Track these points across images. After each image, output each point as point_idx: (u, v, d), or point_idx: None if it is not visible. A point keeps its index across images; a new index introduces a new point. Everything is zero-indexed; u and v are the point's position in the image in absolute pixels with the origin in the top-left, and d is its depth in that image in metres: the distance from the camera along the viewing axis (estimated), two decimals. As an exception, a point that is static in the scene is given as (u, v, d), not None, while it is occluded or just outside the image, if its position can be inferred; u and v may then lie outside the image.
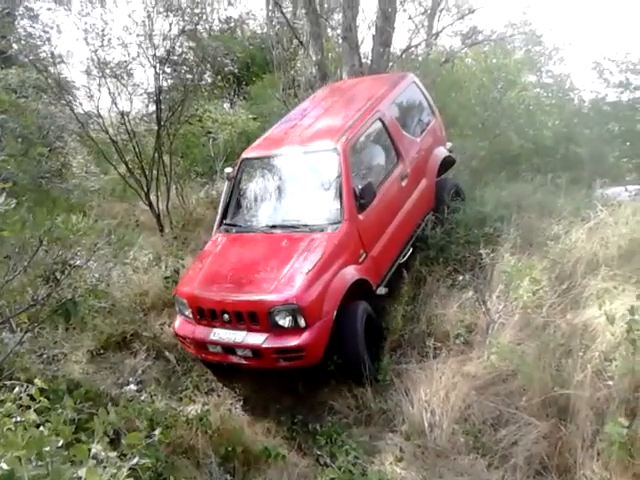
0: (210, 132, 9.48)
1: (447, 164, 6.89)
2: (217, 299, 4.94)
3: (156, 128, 8.62)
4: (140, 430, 3.23)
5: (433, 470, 4.11)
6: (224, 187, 6.30)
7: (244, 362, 4.87)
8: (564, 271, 5.05)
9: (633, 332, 3.66)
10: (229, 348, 4.86)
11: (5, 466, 1.42)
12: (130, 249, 6.50)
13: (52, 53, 9.14)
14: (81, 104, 8.83)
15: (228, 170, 6.26)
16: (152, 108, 9.55)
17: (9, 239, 3.68)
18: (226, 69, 12.81)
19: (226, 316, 4.83)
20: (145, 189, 8.47)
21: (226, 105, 12.60)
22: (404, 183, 5.98)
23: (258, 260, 5.22)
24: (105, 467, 1.58)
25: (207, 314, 4.98)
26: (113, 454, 1.76)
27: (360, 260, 5.16)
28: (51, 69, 8.89)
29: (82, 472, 1.48)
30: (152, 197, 8.54)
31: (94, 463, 1.53)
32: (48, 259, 4.60)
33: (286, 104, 9.39)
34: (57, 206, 4.92)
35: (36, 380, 2.32)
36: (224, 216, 5.98)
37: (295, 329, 4.63)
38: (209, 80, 12.78)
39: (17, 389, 2.28)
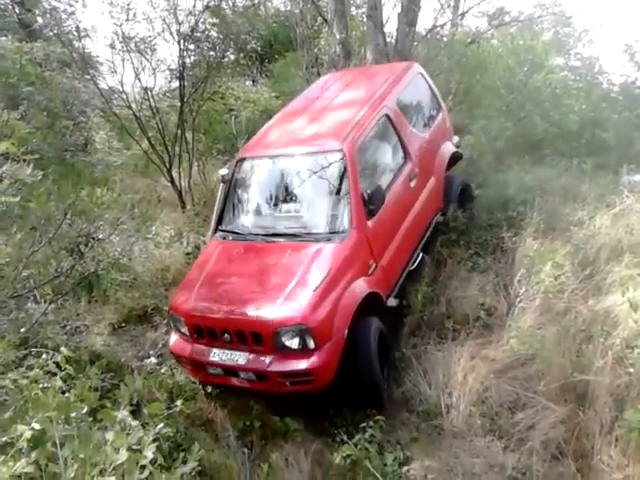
0: (232, 109, 9.44)
1: (454, 160, 6.55)
2: (217, 317, 4.48)
3: (179, 104, 8.63)
4: (160, 401, 3.28)
5: (449, 451, 4.13)
6: (219, 190, 5.73)
7: (247, 385, 4.45)
8: (587, 257, 5.00)
9: (656, 320, 3.61)
10: (230, 370, 4.42)
11: (37, 426, 1.46)
12: (152, 224, 6.58)
13: (77, 27, 9.15)
14: (105, 79, 8.90)
15: (223, 171, 5.69)
16: (175, 84, 9.57)
17: (35, 211, 3.73)
18: (249, 46, 12.78)
19: (227, 336, 4.40)
20: (167, 165, 8.51)
21: (248, 83, 12.55)
22: (413, 184, 5.59)
23: (260, 273, 4.74)
24: (129, 434, 1.61)
25: (206, 333, 4.53)
26: (135, 422, 1.80)
27: (370, 271, 4.76)
28: (75, 43, 8.92)
29: (109, 435, 1.52)
30: (174, 173, 8.58)
31: (119, 428, 1.57)
32: (72, 232, 4.67)
33: (309, 82, 9.31)
34: (81, 179, 4.96)
35: (62, 348, 2.36)
36: (219, 221, 5.47)
37: (303, 351, 4.23)
38: (232, 57, 12.74)
39: (44, 356, 2.31)
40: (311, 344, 4.20)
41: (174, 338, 4.85)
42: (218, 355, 4.43)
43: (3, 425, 1.54)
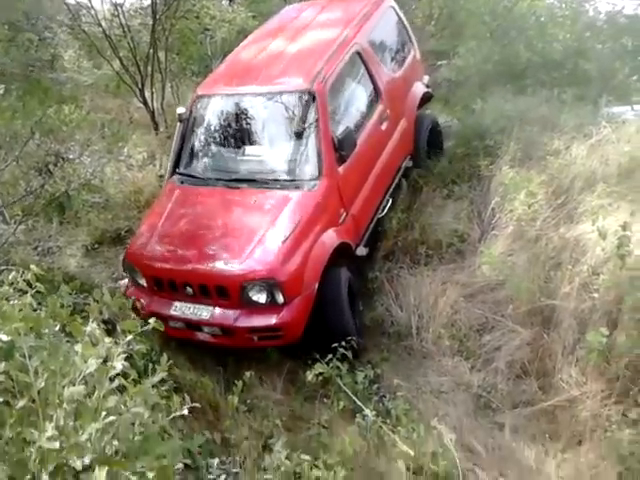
0: (207, 29, 9.06)
1: (425, 100, 6.27)
2: (178, 269, 4.21)
3: (151, 22, 8.23)
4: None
5: (418, 370, 4.30)
6: (176, 129, 5.24)
7: (212, 340, 4.21)
8: (561, 186, 5.03)
9: (623, 248, 3.70)
10: (194, 325, 4.19)
11: (5, 337, 1.46)
12: (124, 145, 6.42)
13: None
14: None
15: (180, 110, 5.18)
16: (147, 1, 9.09)
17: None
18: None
19: (189, 289, 4.14)
20: (140, 86, 8.20)
21: (225, 2, 11.98)
22: (384, 126, 5.25)
23: (224, 221, 4.46)
24: (97, 345, 1.62)
25: (166, 286, 4.25)
26: (108, 339, 1.80)
27: (340, 221, 4.52)
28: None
29: (78, 347, 1.52)
30: (147, 94, 8.29)
31: (89, 340, 1.57)
32: (41, 151, 4.54)
33: (286, 2, 8.93)
34: (49, 97, 4.75)
35: (32, 266, 2.32)
36: (177, 164, 5.06)
37: (272, 305, 4.03)
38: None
39: (13, 273, 2.27)
40: (280, 299, 4.01)
41: (131, 289, 4.53)
42: (180, 309, 4.18)
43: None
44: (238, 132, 5.02)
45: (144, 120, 8.42)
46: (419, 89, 6.14)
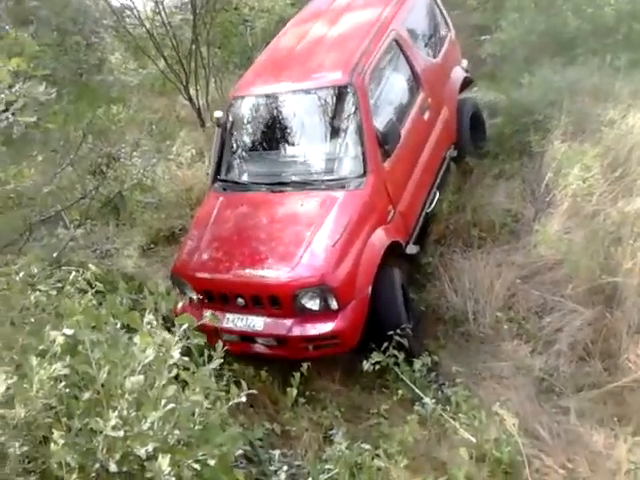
0: (247, 20, 9.10)
1: (465, 86, 6.06)
2: (228, 280, 4.09)
3: (192, 18, 8.33)
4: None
5: (476, 356, 4.20)
6: (215, 134, 5.11)
7: (267, 352, 4.09)
8: (618, 158, 4.84)
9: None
10: (247, 336, 4.07)
11: (69, 331, 1.51)
12: (172, 144, 6.54)
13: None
14: (115, -6, 8.55)
15: (218, 114, 4.99)
16: (186, -2, 9.21)
17: (54, 133, 3.71)
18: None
19: (240, 300, 4.02)
20: (184, 83, 8.33)
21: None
22: (426, 116, 5.07)
23: (270, 228, 4.31)
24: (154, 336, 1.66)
25: (217, 297, 4.14)
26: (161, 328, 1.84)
27: (389, 219, 4.36)
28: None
29: (136, 339, 1.56)
30: (191, 91, 8.41)
31: (146, 331, 1.61)
32: (93, 154, 4.68)
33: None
34: (98, 99, 4.87)
35: (90, 265, 2.39)
36: (218, 171, 4.92)
37: (326, 312, 3.89)
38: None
39: (74, 274, 2.35)
40: (334, 305, 3.87)
41: (180, 304, 4.32)
42: (232, 321, 4.06)
43: (38, 332, 1.60)
44: (278, 133, 4.88)
45: (190, 117, 8.55)
46: (459, 74, 5.94)
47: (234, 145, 5.02)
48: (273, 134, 4.89)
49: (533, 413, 3.53)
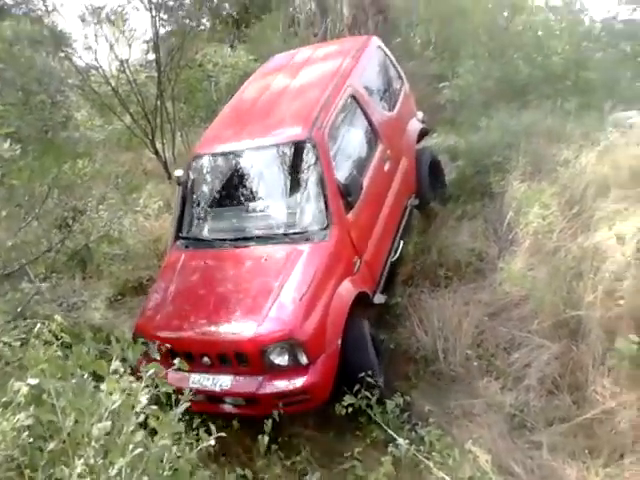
0: (211, 76, 9.32)
1: (421, 136, 6.16)
2: (192, 339, 3.96)
3: (156, 75, 8.49)
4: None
5: (448, 395, 4.21)
6: (175, 193, 5.07)
7: (235, 411, 3.90)
8: (574, 195, 5.01)
9: (644, 250, 3.67)
10: (215, 397, 3.91)
11: (33, 381, 1.49)
12: (139, 196, 6.56)
13: (44, 2, 8.92)
14: (80, 56, 8.70)
15: (178, 172, 5.01)
16: (151, 56, 9.40)
17: (18, 188, 3.71)
18: (224, 12, 12.50)
19: (206, 359, 3.88)
20: (150, 137, 8.42)
21: (226, 49, 12.35)
22: (387, 167, 5.11)
23: (235, 284, 4.22)
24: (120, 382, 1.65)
25: (181, 357, 3.80)
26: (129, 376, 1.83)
27: (355, 269, 4.33)
28: (45, 20, 8.71)
29: (103, 386, 1.56)
30: (158, 145, 8.51)
31: (114, 378, 1.60)
32: (59, 209, 4.67)
33: (286, 42, 9.18)
34: (63, 154, 4.90)
35: (56, 316, 2.37)
36: (180, 228, 4.85)
37: (296, 367, 3.78)
38: (207, 24, 12.48)
39: (39, 325, 2.32)
40: (304, 359, 3.77)
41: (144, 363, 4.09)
42: (199, 381, 3.89)
43: (1, 385, 1.57)
44: (240, 189, 4.84)
45: (157, 170, 8.63)
46: (415, 125, 6.06)
47: (195, 202, 4.98)
48: (235, 190, 4.86)
49: (506, 449, 3.55)
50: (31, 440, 1.44)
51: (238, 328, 3.87)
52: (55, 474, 1.37)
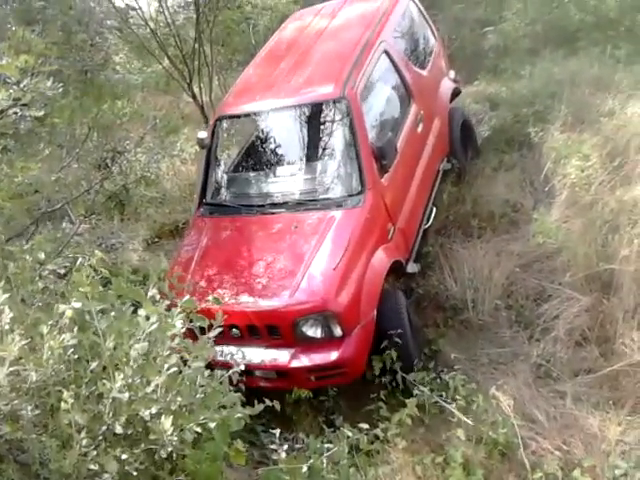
0: (249, 18, 9.18)
1: (454, 96, 5.88)
2: (220, 310, 3.59)
3: (195, 16, 8.40)
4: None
5: (475, 343, 4.26)
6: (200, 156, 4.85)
7: (266, 384, 3.78)
8: (616, 147, 4.89)
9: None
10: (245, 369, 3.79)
11: (77, 305, 1.60)
12: (176, 140, 6.63)
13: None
14: (118, -5, 8.64)
15: (202, 135, 4.70)
16: (190, -4, 9.30)
17: (60, 128, 3.80)
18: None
19: (235, 330, 3.68)
20: (188, 81, 8.40)
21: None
22: (420, 128, 4.86)
23: (264, 253, 3.98)
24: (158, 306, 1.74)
25: (209, 329, 3.74)
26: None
27: (389, 237, 4.13)
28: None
29: (141, 311, 1.65)
30: (195, 89, 8.49)
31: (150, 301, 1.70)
32: (98, 150, 4.77)
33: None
34: (103, 95, 4.96)
35: (96, 251, 2.47)
36: (204, 194, 4.65)
37: (329, 340, 3.63)
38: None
39: (80, 259, 2.43)
40: (338, 331, 3.61)
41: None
42: (228, 354, 3.67)
43: (47, 308, 1.69)
44: (267, 152, 4.68)
45: (194, 115, 8.62)
46: (448, 85, 5.79)
47: (220, 166, 4.78)
48: (262, 154, 4.72)
49: (530, 397, 3.59)
50: (76, 357, 1.56)
51: (268, 299, 3.70)
52: (98, 389, 1.49)
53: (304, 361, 3.62)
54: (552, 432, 3.33)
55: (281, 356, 3.65)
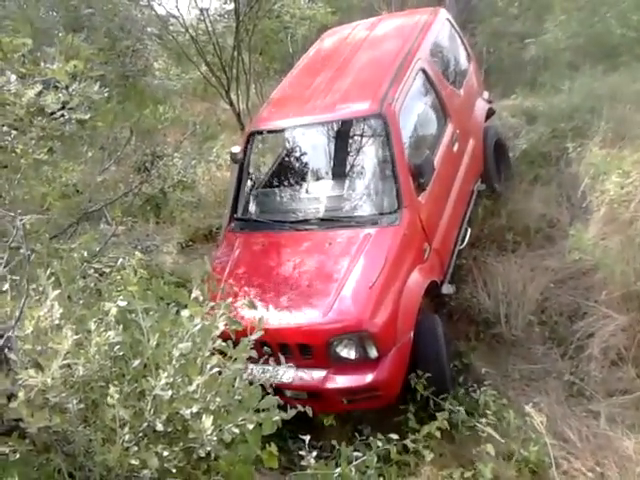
0: (288, 27, 9.28)
1: (488, 117, 5.83)
2: (252, 327, 3.54)
3: (234, 25, 8.54)
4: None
5: (507, 358, 4.22)
6: (231, 171, 4.81)
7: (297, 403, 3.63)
8: (659, 165, 4.79)
9: None
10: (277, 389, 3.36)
11: (122, 303, 1.65)
12: (213, 146, 6.73)
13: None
14: (160, 4, 8.84)
15: (235, 149, 4.64)
16: (230, 6, 9.44)
17: (102, 131, 3.91)
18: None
19: (266, 348, 3.42)
20: (226, 88, 8.53)
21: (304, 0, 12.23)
22: (455, 147, 4.79)
23: (296, 270, 3.89)
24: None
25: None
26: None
27: (425, 257, 4.04)
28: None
29: (184, 311, 1.69)
30: (233, 96, 8.61)
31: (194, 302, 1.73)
32: (138, 153, 4.88)
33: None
34: (145, 99, 5.09)
35: (136, 252, 2.54)
36: (235, 209, 4.58)
37: (364, 361, 3.49)
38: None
39: (121, 260, 2.49)
40: (373, 353, 3.47)
41: None
42: (257, 372, 3.41)
43: (93, 305, 1.74)
44: (301, 168, 4.65)
45: (231, 121, 8.76)
46: (482, 105, 5.76)
47: (253, 182, 4.73)
48: (296, 169, 4.69)
49: (562, 416, 3.54)
50: (121, 353, 1.61)
51: (301, 317, 3.60)
52: (140, 386, 1.53)
53: (337, 383, 3.50)
54: (585, 452, 3.27)
55: (314, 376, 3.54)
